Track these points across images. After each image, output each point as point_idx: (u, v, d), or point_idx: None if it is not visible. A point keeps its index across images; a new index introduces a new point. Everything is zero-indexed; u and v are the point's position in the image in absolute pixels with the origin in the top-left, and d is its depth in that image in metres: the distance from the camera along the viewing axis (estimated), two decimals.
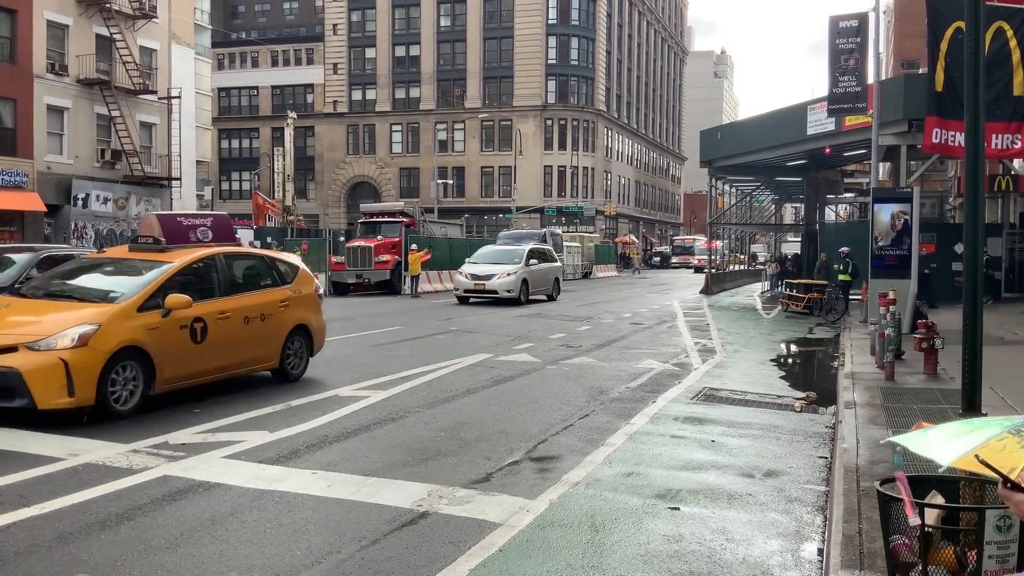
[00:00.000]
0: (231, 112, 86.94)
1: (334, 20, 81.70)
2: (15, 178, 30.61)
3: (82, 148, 34.18)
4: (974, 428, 2.80)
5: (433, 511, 6.19)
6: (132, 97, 36.05)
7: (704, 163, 37.15)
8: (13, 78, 31.09)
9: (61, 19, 33.15)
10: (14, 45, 31.25)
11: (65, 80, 33.27)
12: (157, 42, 38.08)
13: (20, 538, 5.51)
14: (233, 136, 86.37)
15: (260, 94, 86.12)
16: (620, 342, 17.49)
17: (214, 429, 8.71)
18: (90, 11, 34.17)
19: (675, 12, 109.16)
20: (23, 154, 31.39)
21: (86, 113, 34.38)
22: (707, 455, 8.03)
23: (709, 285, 37.85)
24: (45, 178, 32.15)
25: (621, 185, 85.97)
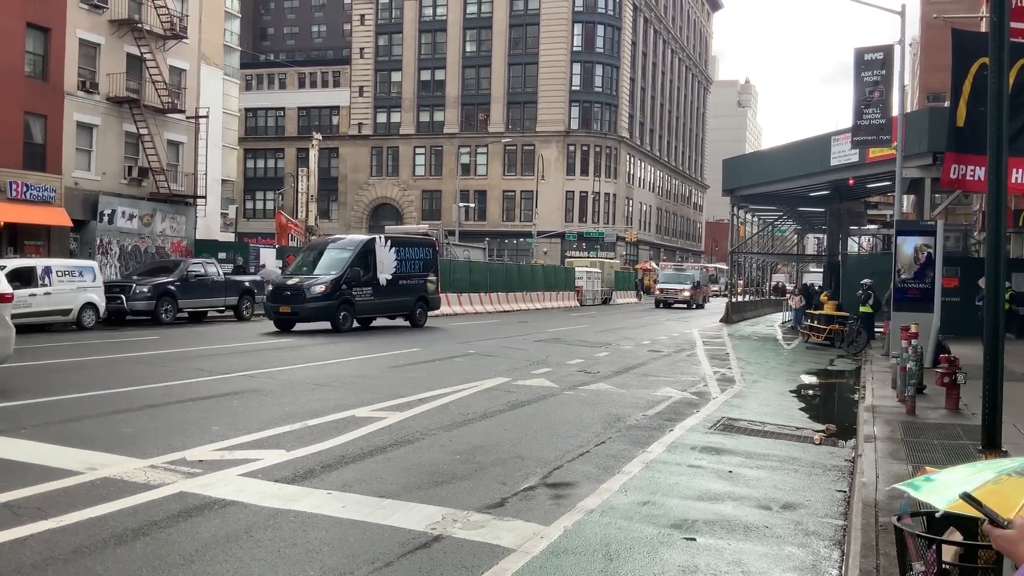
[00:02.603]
0: (257, 132, 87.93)
1: (361, 44, 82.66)
2: (43, 193, 31.04)
3: (110, 165, 34.63)
4: (978, 471, 2.79)
5: (447, 535, 6.17)
6: (160, 116, 36.54)
7: (726, 191, 37.10)
8: (45, 95, 31.62)
9: (93, 38, 33.73)
10: (47, 63, 31.80)
11: (95, 98, 33.79)
12: (187, 62, 38.63)
13: (37, 551, 5.55)
14: (259, 156, 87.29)
15: (286, 115, 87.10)
16: (638, 369, 17.42)
17: (232, 447, 8.75)
18: (122, 31, 34.75)
19: (700, 41, 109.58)
20: (52, 170, 31.85)
21: (115, 131, 34.87)
22: (724, 486, 7.97)
23: (729, 314, 37.68)
24: (72, 194, 32.59)
25: (642, 212, 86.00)
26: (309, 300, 24.18)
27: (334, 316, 24.31)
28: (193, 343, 20.42)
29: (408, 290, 27.14)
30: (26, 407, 10.77)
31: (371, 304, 25.93)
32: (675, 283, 52.34)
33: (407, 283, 27.12)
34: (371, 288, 25.68)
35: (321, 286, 24.40)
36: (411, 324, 27.41)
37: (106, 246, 34.20)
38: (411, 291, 27.28)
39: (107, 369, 15.19)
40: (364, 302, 25.55)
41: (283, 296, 24.67)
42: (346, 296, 24.78)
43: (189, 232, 38.60)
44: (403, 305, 27.08)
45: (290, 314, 24.41)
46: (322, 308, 24.23)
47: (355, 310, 25.18)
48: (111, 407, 10.94)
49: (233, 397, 12.06)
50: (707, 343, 25.07)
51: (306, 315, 24.23)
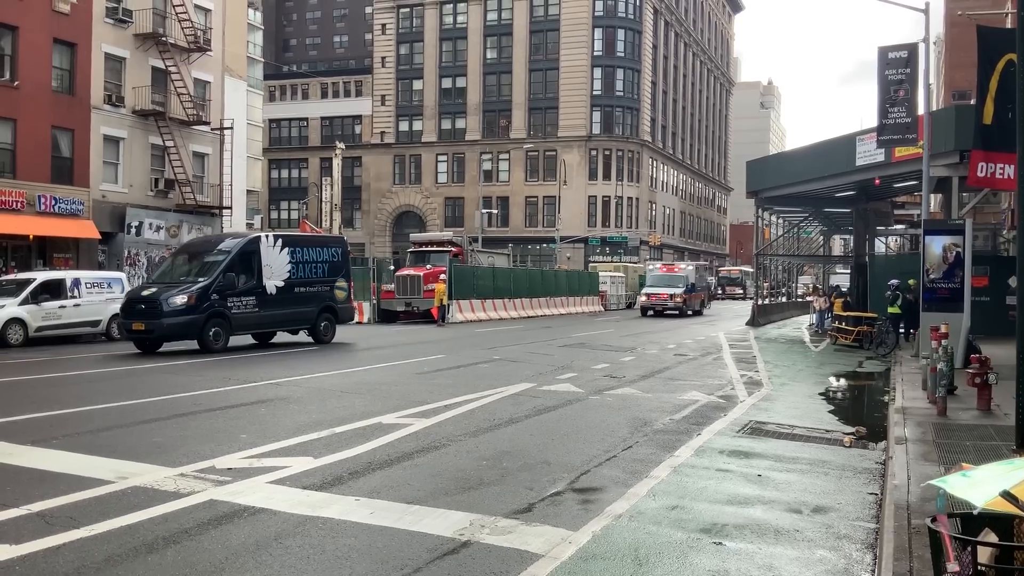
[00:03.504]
0: (281, 143, 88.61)
1: (383, 53, 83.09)
2: (71, 206, 31.47)
3: (136, 177, 35.05)
4: (1015, 467, 2.74)
5: (475, 540, 6.16)
6: (186, 128, 36.95)
7: (751, 194, 36.87)
8: (72, 109, 32.08)
9: (118, 52, 34.17)
10: (73, 77, 32.27)
11: (121, 111, 34.22)
12: (211, 74, 39.04)
13: (70, 559, 5.61)
14: (283, 166, 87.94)
15: (309, 125, 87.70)
16: (664, 373, 17.34)
17: (260, 454, 8.80)
18: (146, 44, 35.19)
19: (721, 43, 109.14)
20: (79, 183, 32.28)
21: (141, 143, 35.29)
22: (753, 489, 7.90)
23: (756, 317, 37.43)
24: (100, 206, 33.01)
25: (666, 215, 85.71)
26: (167, 315, 19.79)
27: (201, 333, 20.09)
28: (220, 352, 20.56)
29: (308, 299, 23.04)
30: (57, 417, 10.90)
31: (255, 317, 21.55)
32: (663, 286, 44.37)
33: (306, 291, 22.98)
34: (255, 298, 21.37)
35: (183, 297, 20.06)
36: (314, 340, 23.32)
37: (134, 258, 34.59)
38: (312, 300, 23.18)
39: (136, 379, 15.35)
40: (244, 315, 21.15)
41: (136, 310, 20.23)
42: (218, 308, 20.45)
43: None
44: (301, 317, 22.92)
45: (144, 332, 20.02)
46: (183, 324, 19.93)
47: (232, 325, 20.76)
48: (141, 416, 11.05)
49: (261, 405, 12.14)
50: (733, 346, 24.90)
51: (163, 333, 19.94)
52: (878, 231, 41.25)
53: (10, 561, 5.52)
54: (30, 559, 5.58)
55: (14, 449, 8.82)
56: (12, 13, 29.52)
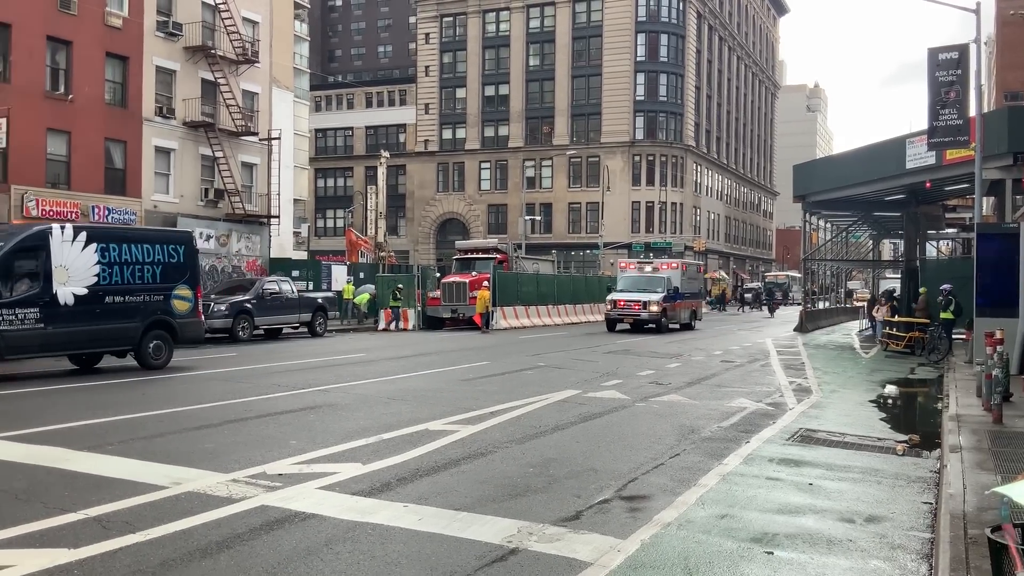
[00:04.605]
0: (327, 152, 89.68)
1: (426, 62, 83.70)
2: (124, 216, 32.14)
3: (187, 187, 35.71)
4: None
5: (523, 548, 6.17)
6: (234, 139, 37.55)
7: (797, 198, 36.44)
8: (124, 121, 32.81)
9: (169, 65, 34.88)
10: (125, 90, 33.00)
11: (172, 123, 34.90)
12: (259, 86, 39.66)
13: (126, 563, 5.72)
14: (328, 175, 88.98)
15: (354, 134, 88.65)
16: (711, 380, 17.18)
17: (310, 460, 8.91)
18: (196, 57, 35.86)
19: (766, 46, 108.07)
20: (132, 193, 32.98)
21: (191, 154, 35.96)
22: (804, 498, 7.79)
23: (804, 323, 36.94)
24: (152, 216, 33.67)
25: (711, 220, 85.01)
26: None
27: None
28: (269, 359, 20.86)
29: (128, 312, 17.90)
30: (112, 424, 11.14)
31: (37, 337, 16.33)
32: (636, 291, 33.64)
33: (125, 301, 17.92)
34: (38, 310, 16.35)
35: None
36: (140, 364, 18.22)
37: None
38: (135, 313, 18.02)
39: (188, 385, 15.62)
40: (24, 333, 16.09)
41: None
42: None
43: (264, 251, 39.51)
44: (116, 335, 17.76)
45: None
46: None
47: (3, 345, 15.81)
48: (193, 423, 11.25)
49: (309, 412, 12.28)
50: (781, 353, 24.60)
51: None
52: (929, 235, 40.48)
53: (68, 565, 5.66)
54: (88, 563, 5.70)
55: (71, 455, 9.03)
56: (67, 29, 30.30)
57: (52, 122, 29.89)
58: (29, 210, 28.28)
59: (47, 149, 29.83)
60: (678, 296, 34.84)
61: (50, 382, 16.04)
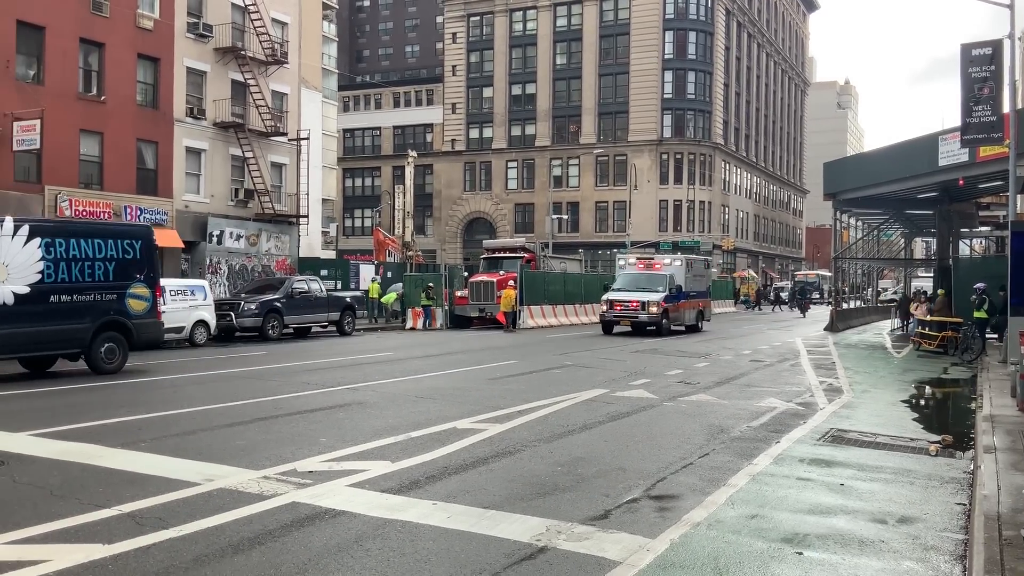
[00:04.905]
0: (355, 152, 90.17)
1: (453, 62, 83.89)
2: (156, 216, 32.53)
3: (217, 187, 36.06)
4: None
5: (551, 546, 6.17)
6: (264, 139, 37.87)
7: (828, 196, 36.09)
8: (156, 122, 33.20)
9: (199, 66, 35.24)
10: (157, 91, 33.39)
11: (202, 123, 35.27)
12: (288, 86, 39.97)
13: (160, 559, 5.80)
14: (356, 175, 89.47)
15: (382, 134, 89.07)
16: (740, 379, 17.07)
17: (339, 458, 8.97)
18: (226, 58, 36.20)
19: (796, 43, 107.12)
20: (163, 193, 33.37)
21: (221, 154, 36.31)
22: (836, 499, 7.73)
23: (834, 322, 36.59)
24: (183, 216, 34.06)
25: (739, 219, 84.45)
26: None
27: None
28: (299, 358, 21.02)
29: (77, 312, 16.75)
30: (145, 421, 11.28)
31: None
32: (634, 291, 31.00)
33: (74, 300, 16.77)
34: None
35: None
36: (91, 368, 17.13)
37: (215, 266, 35.58)
38: (85, 313, 16.87)
39: (219, 384, 15.77)
40: None
41: None
42: None
43: (293, 250, 39.81)
44: (62, 337, 16.56)
45: None
46: None
47: None
48: (224, 420, 11.36)
49: (339, 409, 12.37)
50: (811, 352, 24.39)
51: None
52: (962, 233, 39.93)
53: (103, 560, 5.74)
54: (122, 559, 5.78)
55: (105, 451, 9.16)
56: (99, 31, 30.72)
57: (85, 123, 30.32)
58: (63, 210, 28.71)
59: (80, 150, 30.27)
60: (681, 295, 31.95)
61: (81, 380, 16.27)
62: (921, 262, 57.19)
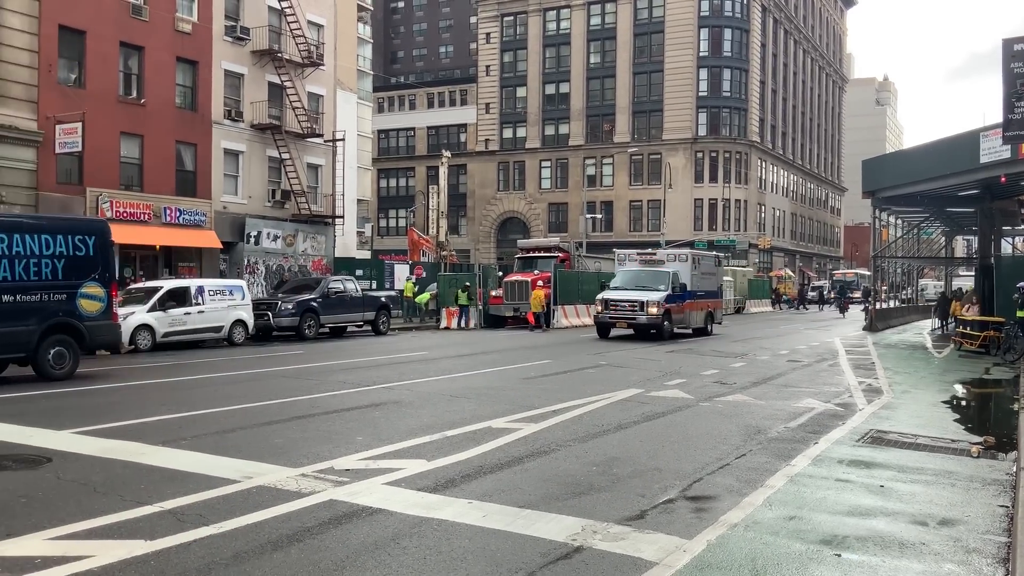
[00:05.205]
0: (389, 152, 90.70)
1: (487, 62, 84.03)
2: (195, 217, 32.98)
3: (255, 189, 36.46)
4: None
5: (587, 546, 6.17)
6: (300, 140, 38.21)
7: (867, 194, 35.61)
8: (194, 125, 33.65)
9: (237, 69, 35.65)
10: (195, 94, 33.84)
11: (240, 125, 35.67)
12: (324, 88, 40.29)
13: (200, 555, 5.88)
14: (391, 175, 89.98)
15: (416, 135, 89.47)
16: (777, 380, 16.91)
17: (376, 456, 9.04)
18: (263, 61, 36.58)
19: (833, 39, 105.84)
20: (202, 195, 33.81)
21: (259, 156, 36.70)
22: (875, 501, 7.63)
23: (873, 321, 36.12)
24: (221, 217, 34.48)
25: (776, 217, 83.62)
26: None
27: None
28: (335, 357, 21.20)
29: (21, 313, 15.61)
30: (185, 419, 11.44)
31: None
32: (633, 290, 28.41)
33: (17, 301, 15.58)
34: None
35: None
36: (36, 373, 16.02)
37: (253, 266, 35.98)
38: (29, 315, 15.73)
39: (257, 382, 15.95)
40: None
41: None
42: None
43: (328, 251, 40.13)
44: (5, 341, 15.43)
45: None
46: None
47: None
48: (262, 419, 11.50)
49: (375, 408, 12.45)
50: (850, 352, 24.09)
51: None
52: (1004, 231, 39.19)
53: (145, 556, 5.83)
54: (163, 554, 5.88)
55: (147, 449, 9.31)
56: (139, 34, 31.20)
57: (125, 126, 30.80)
58: (104, 211, 29.20)
59: (121, 152, 30.75)
60: (687, 295, 29.03)
61: (120, 379, 16.54)
62: (962, 261, 56.23)
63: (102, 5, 29.76)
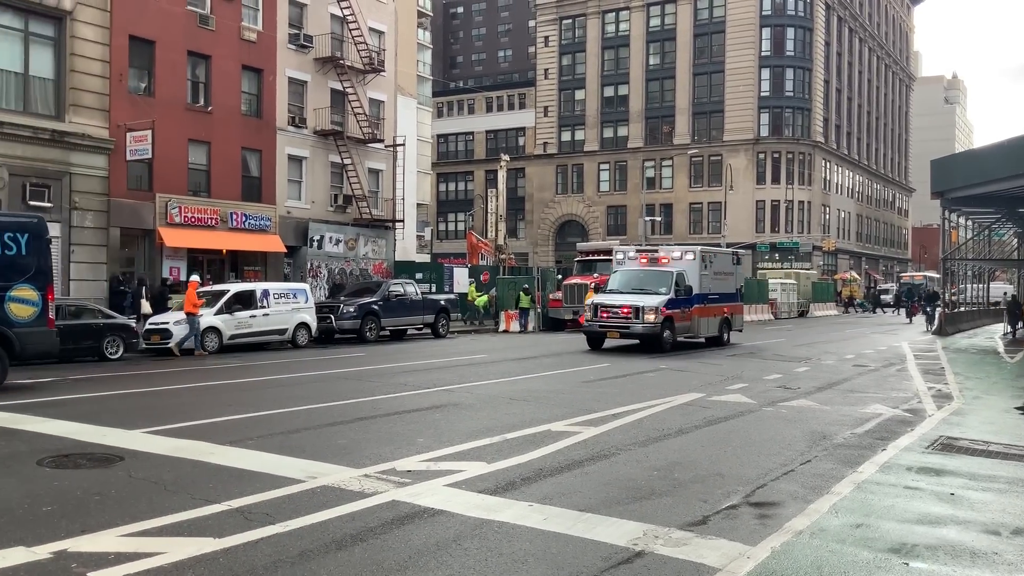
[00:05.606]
0: (448, 157, 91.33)
1: (545, 65, 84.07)
2: (260, 222, 33.64)
3: (318, 194, 37.05)
4: None
5: (649, 551, 6.13)
6: (362, 146, 38.72)
7: (936, 194, 34.74)
8: (260, 131, 34.34)
9: (300, 76, 36.28)
10: (260, 101, 34.53)
11: (303, 132, 36.29)
12: (384, 94, 40.77)
13: (267, 553, 6.00)
14: (450, 179, 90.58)
15: (475, 139, 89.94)
16: (842, 385, 16.58)
17: (436, 458, 9.11)
18: (326, 68, 37.17)
19: (900, 37, 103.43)
20: (267, 200, 34.47)
21: (321, 161, 37.29)
22: (946, 509, 7.43)
23: (943, 325, 35.17)
24: (285, 222, 35.11)
25: (841, 219, 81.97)
26: None
27: None
28: (395, 359, 21.42)
29: None
30: (251, 420, 11.68)
31: None
32: (629, 292, 24.66)
33: None
34: None
35: None
36: None
37: (316, 270, 36.55)
38: None
39: (321, 384, 16.21)
40: None
41: None
42: None
43: (389, 254, 40.57)
44: None
45: None
46: None
47: None
48: (326, 420, 11.68)
49: (435, 410, 12.55)
50: (919, 357, 23.49)
51: None
52: None
53: (214, 553, 5.97)
54: (232, 552, 6.01)
55: (214, 449, 9.53)
56: (206, 44, 31.96)
57: (193, 133, 31.57)
58: (173, 217, 29.98)
59: (189, 159, 31.50)
60: (693, 299, 25.06)
61: (189, 380, 16.95)
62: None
63: (171, 15, 30.57)
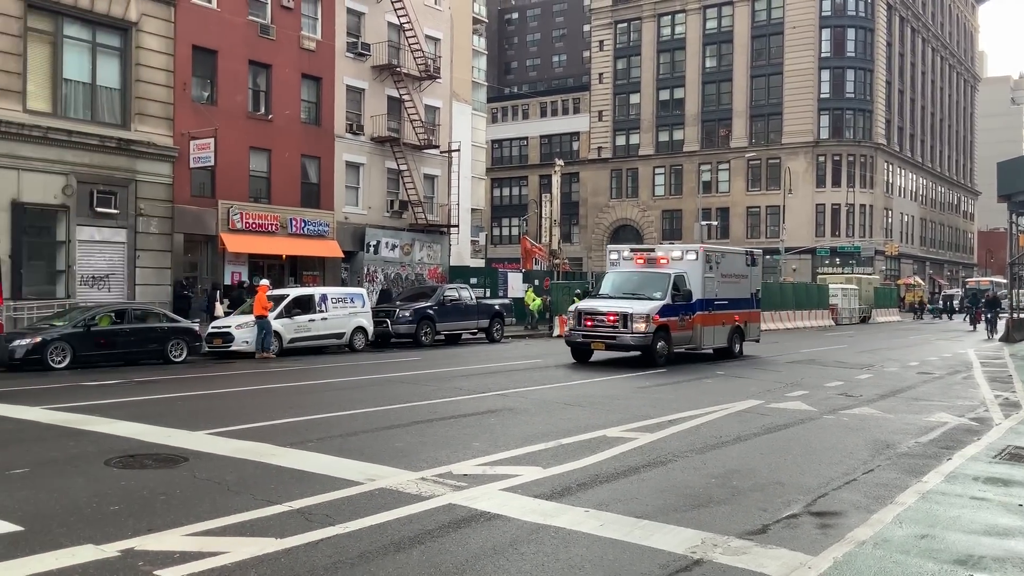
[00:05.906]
0: (503, 162, 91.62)
1: (600, 69, 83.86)
2: (318, 228, 34.15)
3: (374, 200, 37.50)
4: None
5: (707, 559, 6.07)
6: (417, 152, 39.09)
7: (1002, 198, 33.74)
8: (319, 138, 34.90)
9: (358, 84, 36.78)
10: (319, 109, 35.09)
11: (361, 139, 36.78)
12: (440, 100, 41.10)
13: (328, 554, 6.09)
14: (504, 185, 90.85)
15: (529, 144, 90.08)
16: (906, 392, 16.21)
17: (492, 462, 9.15)
18: (382, 75, 37.62)
19: (964, 37, 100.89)
20: (325, 206, 35.00)
21: (378, 168, 37.74)
22: (1014, 520, 7.22)
23: (1011, 332, 34.16)
24: (343, 227, 35.60)
25: (904, 223, 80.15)
26: None
27: None
28: (451, 364, 21.55)
29: None
30: (311, 422, 11.86)
31: None
32: (619, 298, 21.68)
33: None
34: None
35: None
36: None
37: (372, 275, 36.97)
38: None
39: (378, 388, 16.38)
40: None
41: None
42: None
43: (444, 259, 40.85)
44: None
45: None
46: None
47: None
48: (383, 423, 11.81)
49: (490, 415, 12.60)
50: (985, 364, 22.86)
51: None
52: None
53: (276, 553, 6.08)
54: (293, 552, 6.11)
55: (276, 450, 9.69)
56: (266, 53, 32.59)
57: (254, 141, 32.21)
58: (234, 223, 30.60)
59: (250, 166, 32.15)
60: (695, 305, 22.02)
61: (251, 383, 17.26)
62: None
63: (233, 26, 31.25)
